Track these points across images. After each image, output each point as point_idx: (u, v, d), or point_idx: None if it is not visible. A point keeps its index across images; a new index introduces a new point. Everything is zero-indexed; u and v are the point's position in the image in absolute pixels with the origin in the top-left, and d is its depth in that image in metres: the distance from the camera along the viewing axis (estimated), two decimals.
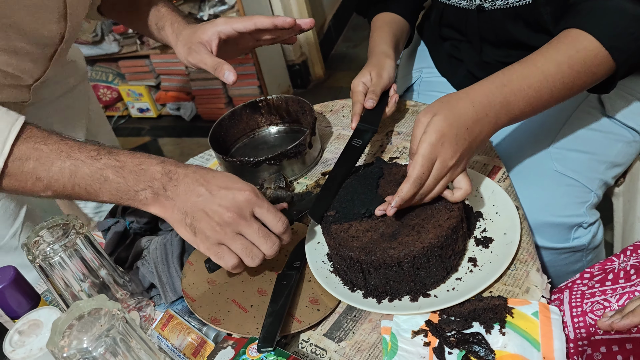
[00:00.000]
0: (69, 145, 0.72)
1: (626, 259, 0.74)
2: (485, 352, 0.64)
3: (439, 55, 1.15)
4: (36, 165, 0.71)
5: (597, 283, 0.73)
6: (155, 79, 2.91)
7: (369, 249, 0.71)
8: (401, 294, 0.72)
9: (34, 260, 0.70)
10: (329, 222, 0.77)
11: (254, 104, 1.12)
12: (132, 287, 0.80)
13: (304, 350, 0.71)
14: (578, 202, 0.91)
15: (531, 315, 0.67)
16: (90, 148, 0.72)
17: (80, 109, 1.22)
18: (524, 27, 0.94)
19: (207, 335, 0.74)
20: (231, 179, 0.72)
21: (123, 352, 0.58)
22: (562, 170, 0.91)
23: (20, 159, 0.71)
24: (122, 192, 0.72)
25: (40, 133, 0.73)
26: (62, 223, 0.73)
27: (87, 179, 0.71)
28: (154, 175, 0.71)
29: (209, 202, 0.69)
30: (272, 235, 0.71)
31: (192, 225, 0.70)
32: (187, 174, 0.71)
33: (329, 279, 0.76)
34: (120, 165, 0.71)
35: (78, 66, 1.22)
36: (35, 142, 0.71)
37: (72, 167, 0.71)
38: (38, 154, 0.71)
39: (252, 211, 0.70)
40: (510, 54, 0.99)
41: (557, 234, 0.91)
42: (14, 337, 0.67)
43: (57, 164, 0.71)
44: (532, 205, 0.88)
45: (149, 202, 0.72)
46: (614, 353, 0.65)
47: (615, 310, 0.67)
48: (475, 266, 0.73)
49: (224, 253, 0.70)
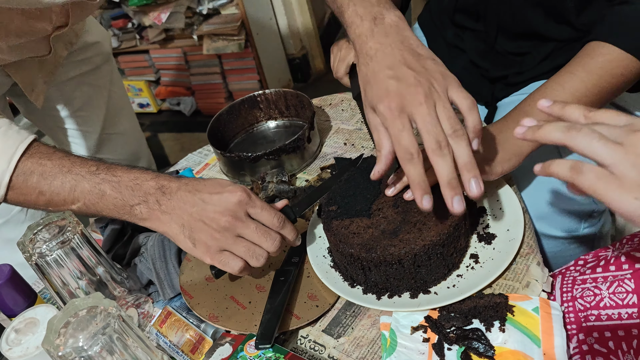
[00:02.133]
0: (71, 161, 0.75)
1: (620, 247, 0.74)
2: (485, 348, 0.63)
3: (437, 45, 1.13)
4: (39, 180, 0.74)
5: (589, 270, 0.73)
6: (154, 74, 2.91)
7: (369, 246, 0.70)
8: (401, 291, 0.71)
9: (30, 258, 0.69)
10: (330, 217, 0.76)
11: (252, 98, 1.11)
12: (129, 284, 0.80)
13: (302, 346, 0.71)
14: None
15: (532, 311, 0.66)
16: (91, 163, 0.75)
17: (101, 89, 1.26)
18: (544, 16, 0.91)
19: (205, 332, 0.73)
20: (221, 184, 0.72)
21: (119, 350, 0.57)
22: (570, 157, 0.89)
23: (25, 173, 0.74)
24: (119, 207, 0.73)
25: (46, 149, 0.76)
26: (58, 220, 0.73)
27: (87, 194, 0.74)
28: (148, 190, 0.72)
29: (203, 211, 0.70)
30: (272, 232, 0.71)
31: (191, 237, 0.71)
32: (180, 186, 0.72)
33: (329, 274, 0.76)
34: (117, 181, 0.73)
35: (103, 46, 1.26)
36: (40, 157, 0.75)
37: (73, 182, 0.73)
38: (42, 169, 0.74)
39: (246, 212, 0.70)
40: (522, 45, 0.97)
41: (567, 222, 0.88)
42: (10, 335, 0.67)
43: (59, 178, 0.74)
44: (542, 194, 0.86)
45: (145, 217, 0.73)
46: (606, 339, 0.65)
47: None
48: (476, 263, 0.72)
49: (228, 259, 0.70)
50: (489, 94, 1.06)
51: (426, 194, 0.63)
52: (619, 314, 0.66)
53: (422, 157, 0.62)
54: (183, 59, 2.74)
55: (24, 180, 0.74)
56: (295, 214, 0.77)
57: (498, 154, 0.75)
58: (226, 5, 2.55)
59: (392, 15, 0.70)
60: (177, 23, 2.58)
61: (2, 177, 0.74)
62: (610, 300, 0.67)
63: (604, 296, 0.67)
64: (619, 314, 0.66)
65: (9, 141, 0.74)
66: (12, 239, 1.11)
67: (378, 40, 0.69)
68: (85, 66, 1.22)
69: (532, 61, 0.97)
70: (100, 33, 1.26)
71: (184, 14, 2.57)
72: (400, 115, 0.63)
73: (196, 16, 2.61)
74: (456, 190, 0.62)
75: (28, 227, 0.72)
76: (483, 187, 0.63)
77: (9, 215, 1.11)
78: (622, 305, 0.66)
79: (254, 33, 2.56)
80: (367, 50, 0.69)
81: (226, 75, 2.74)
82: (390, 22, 0.70)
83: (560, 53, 0.93)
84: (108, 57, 1.28)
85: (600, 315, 0.67)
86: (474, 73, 1.07)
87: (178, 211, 0.71)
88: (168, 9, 2.54)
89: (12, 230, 1.12)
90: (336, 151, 1.02)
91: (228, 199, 0.70)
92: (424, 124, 0.62)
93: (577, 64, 0.78)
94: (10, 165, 0.73)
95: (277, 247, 0.71)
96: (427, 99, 0.63)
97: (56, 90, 1.18)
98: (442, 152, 0.61)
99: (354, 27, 0.71)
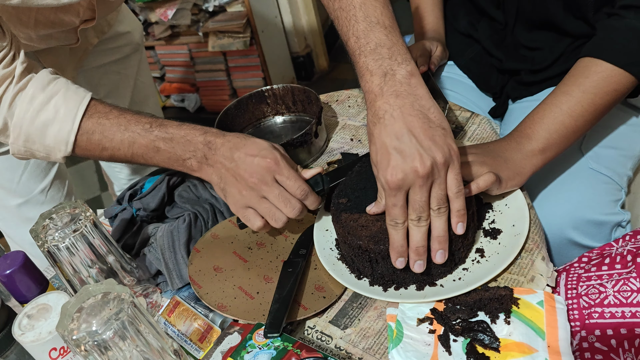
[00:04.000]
0: (127, 119, 0.83)
1: (624, 244, 0.74)
2: (490, 340, 0.64)
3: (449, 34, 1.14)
4: (101, 138, 0.83)
5: (594, 267, 0.73)
6: (159, 71, 2.91)
7: (377, 238, 0.71)
8: (407, 283, 0.72)
9: (42, 246, 0.70)
10: (340, 210, 0.76)
11: (259, 93, 1.12)
12: (139, 273, 0.81)
13: (309, 336, 0.72)
14: (613, 200, 0.89)
15: (536, 305, 0.67)
16: (144, 121, 0.83)
17: (128, 78, 1.30)
18: (564, 8, 0.91)
19: (213, 322, 0.74)
20: (259, 147, 0.78)
21: (131, 335, 0.58)
22: (597, 167, 0.89)
23: (87, 132, 0.82)
24: (172, 160, 0.82)
25: (104, 108, 0.84)
26: (70, 209, 0.74)
27: (143, 149, 0.82)
28: (197, 146, 0.80)
29: (237, 168, 0.77)
30: (293, 200, 0.76)
31: (224, 189, 0.80)
32: (224, 143, 0.79)
33: (335, 266, 0.76)
34: (169, 137, 0.81)
35: (133, 36, 1.29)
36: (99, 117, 0.83)
37: (130, 139, 0.82)
38: (102, 128, 0.82)
39: (273, 177, 0.76)
40: (537, 37, 0.98)
41: (599, 232, 0.88)
42: (23, 320, 0.68)
43: (118, 136, 0.82)
44: (576, 203, 0.86)
45: (195, 169, 0.82)
46: (608, 337, 0.66)
47: None
48: (482, 257, 0.73)
49: (250, 216, 0.78)
50: (497, 85, 1.07)
51: (401, 257, 0.69)
52: (623, 313, 0.67)
53: (406, 225, 0.67)
54: (188, 55, 2.75)
55: (87, 138, 0.83)
56: (325, 183, 0.81)
57: (502, 173, 0.77)
58: (232, 3, 2.56)
59: (404, 70, 0.67)
60: (183, 20, 2.59)
61: (69, 136, 0.82)
62: (615, 299, 0.68)
63: (608, 294, 0.68)
64: (622, 313, 0.67)
65: (70, 103, 0.82)
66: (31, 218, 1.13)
67: (387, 100, 0.66)
68: (115, 55, 1.25)
69: (545, 59, 0.97)
70: (132, 23, 1.28)
71: (190, 10, 2.58)
72: (397, 193, 0.65)
73: (202, 13, 2.62)
74: (421, 257, 0.68)
75: (40, 215, 0.73)
76: (446, 257, 0.69)
77: (30, 195, 1.14)
78: (626, 303, 0.67)
79: (259, 31, 2.57)
80: (376, 110, 0.67)
81: (231, 73, 2.75)
82: (402, 79, 0.66)
83: (571, 55, 0.94)
84: (138, 47, 1.31)
85: (603, 312, 0.68)
86: (485, 63, 1.08)
87: (218, 165, 0.79)
88: (174, 6, 2.55)
89: (32, 210, 1.15)
90: (343, 147, 1.03)
91: (258, 163, 0.76)
92: (413, 202, 0.66)
93: (572, 84, 0.79)
94: (74, 126, 0.82)
95: (296, 214, 0.77)
96: (426, 182, 0.64)
97: (83, 77, 1.21)
98: (419, 224, 0.67)
99: (364, 82, 0.69)
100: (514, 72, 1.04)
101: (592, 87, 0.78)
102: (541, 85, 1.00)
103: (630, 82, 0.79)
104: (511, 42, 1.02)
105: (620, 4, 0.79)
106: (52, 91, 0.82)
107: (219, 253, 0.82)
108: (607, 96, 0.79)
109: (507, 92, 1.05)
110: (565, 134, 0.79)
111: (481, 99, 1.11)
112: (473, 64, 0.92)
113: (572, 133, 0.80)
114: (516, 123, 0.84)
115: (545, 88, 1.00)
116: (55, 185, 1.17)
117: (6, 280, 0.72)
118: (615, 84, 0.78)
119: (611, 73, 0.78)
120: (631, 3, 0.78)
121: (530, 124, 0.80)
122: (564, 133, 0.79)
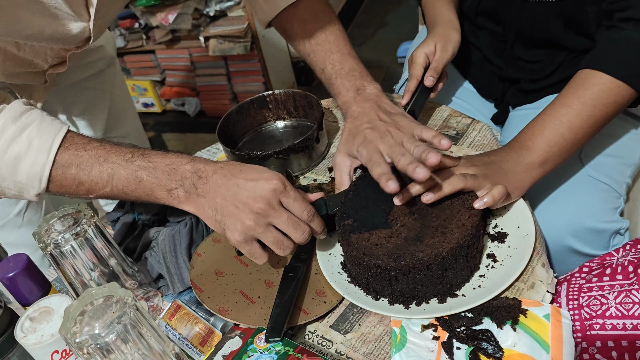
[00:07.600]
0: (106, 149, 0.76)
1: (625, 254, 0.74)
2: (494, 349, 0.64)
3: None
4: (77, 171, 0.76)
5: (595, 277, 0.73)
6: (160, 75, 2.92)
7: (396, 254, 0.69)
8: (428, 297, 0.71)
9: (45, 249, 0.71)
10: (348, 231, 0.74)
11: (261, 98, 1.12)
12: (140, 277, 0.81)
13: (310, 341, 0.72)
14: (612, 207, 0.90)
15: (542, 317, 0.66)
16: (126, 151, 0.76)
17: (104, 92, 1.24)
18: (564, 25, 0.92)
19: (214, 326, 0.75)
20: (257, 170, 0.73)
21: (133, 339, 0.58)
22: (596, 175, 0.90)
23: (63, 165, 0.75)
24: (156, 192, 0.75)
25: (81, 139, 0.77)
26: (73, 212, 0.74)
27: (124, 181, 0.75)
28: (185, 174, 0.74)
29: (237, 195, 0.71)
30: (302, 223, 0.72)
31: (221, 222, 0.72)
32: (216, 170, 0.73)
33: (349, 289, 0.74)
34: (153, 166, 0.74)
35: (107, 50, 1.23)
36: (76, 149, 0.76)
37: (110, 171, 0.75)
38: (79, 160, 0.75)
39: (279, 200, 0.71)
40: (536, 53, 0.98)
41: (598, 240, 0.89)
42: (25, 323, 0.68)
43: (96, 168, 0.75)
44: (575, 211, 0.87)
45: (182, 200, 0.74)
46: (609, 348, 0.66)
47: None
48: (495, 262, 0.73)
49: (255, 251, 0.73)
50: (498, 91, 1.07)
51: (390, 179, 0.73)
52: (624, 325, 0.67)
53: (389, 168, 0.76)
54: (189, 60, 2.76)
55: (62, 172, 0.76)
56: (328, 208, 0.78)
57: None
58: (233, 8, 2.57)
59: (372, 87, 0.89)
60: (184, 24, 2.60)
61: (43, 170, 0.75)
62: (617, 310, 0.68)
63: (610, 305, 0.68)
64: (623, 325, 0.67)
65: (44, 135, 0.75)
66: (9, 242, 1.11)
67: (360, 105, 0.87)
68: (89, 70, 1.20)
69: (544, 70, 0.98)
70: (104, 36, 1.22)
71: (191, 15, 2.59)
72: (375, 153, 0.79)
73: (203, 18, 2.63)
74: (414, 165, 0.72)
75: (43, 218, 0.74)
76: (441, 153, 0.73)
77: (6, 219, 1.10)
78: (627, 315, 0.67)
79: (260, 36, 2.57)
80: (352, 113, 0.88)
81: (231, 77, 2.76)
82: (370, 92, 0.88)
83: (571, 64, 0.95)
84: (112, 61, 1.26)
85: (605, 324, 0.68)
86: (486, 70, 1.08)
87: (212, 194, 0.72)
88: (175, 10, 2.56)
89: (9, 234, 1.11)
90: None
91: (263, 187, 0.70)
92: (392, 151, 0.77)
93: (571, 96, 0.80)
94: (49, 159, 0.75)
95: (305, 239, 0.72)
96: (395, 139, 0.79)
97: (57, 96, 1.15)
98: (403, 153, 0.75)
99: (341, 97, 0.91)
100: (514, 80, 1.04)
101: (592, 99, 0.78)
102: (540, 93, 1.01)
103: (630, 94, 0.79)
104: (510, 54, 1.02)
105: (619, 17, 0.80)
106: (25, 122, 0.75)
107: (220, 257, 0.83)
108: (606, 108, 0.79)
109: (507, 99, 1.06)
110: (565, 146, 0.79)
111: (483, 106, 1.12)
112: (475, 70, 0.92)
113: (571, 146, 0.80)
114: (516, 131, 0.84)
115: (545, 96, 1.00)
116: (32, 207, 1.12)
117: (9, 283, 0.72)
118: (615, 96, 0.79)
119: (610, 85, 0.78)
120: (630, 15, 0.78)
121: (531, 135, 0.80)
122: (563, 146, 0.79)
